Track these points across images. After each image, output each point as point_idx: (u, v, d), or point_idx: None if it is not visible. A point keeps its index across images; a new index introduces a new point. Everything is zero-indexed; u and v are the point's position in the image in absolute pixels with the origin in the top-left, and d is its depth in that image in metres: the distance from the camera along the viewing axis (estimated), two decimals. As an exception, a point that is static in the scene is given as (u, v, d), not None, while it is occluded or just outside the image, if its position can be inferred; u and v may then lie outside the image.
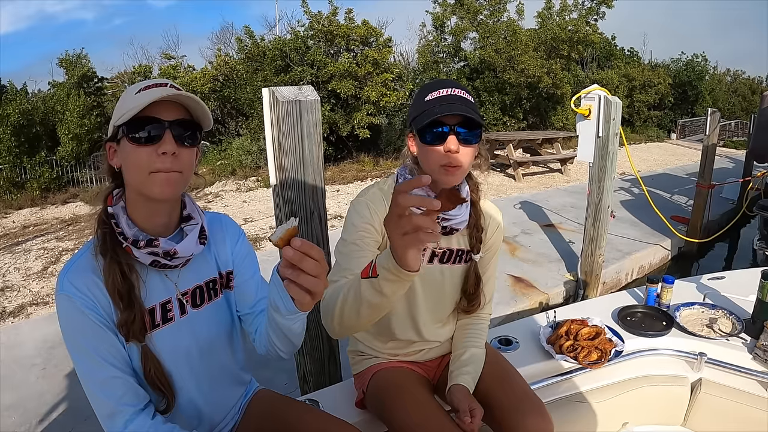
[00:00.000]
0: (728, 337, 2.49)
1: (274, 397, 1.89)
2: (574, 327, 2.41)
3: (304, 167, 2.37)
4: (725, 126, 25.63)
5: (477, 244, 1.93)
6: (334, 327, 1.49)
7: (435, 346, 2.06)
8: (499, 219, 2.04)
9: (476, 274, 1.98)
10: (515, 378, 1.96)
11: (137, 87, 1.40)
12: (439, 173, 1.69)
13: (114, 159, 1.43)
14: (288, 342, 1.49)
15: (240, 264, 1.70)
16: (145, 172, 1.36)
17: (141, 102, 1.31)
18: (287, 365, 3.60)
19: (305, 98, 2.29)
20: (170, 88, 1.39)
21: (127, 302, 1.40)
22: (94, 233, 1.44)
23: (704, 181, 8.26)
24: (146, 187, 1.37)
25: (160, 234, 1.47)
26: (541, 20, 19.78)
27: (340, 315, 1.43)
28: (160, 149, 1.35)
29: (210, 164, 14.31)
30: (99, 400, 1.40)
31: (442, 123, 1.65)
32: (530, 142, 14.01)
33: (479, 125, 1.69)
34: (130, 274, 1.41)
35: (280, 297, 1.28)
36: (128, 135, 1.35)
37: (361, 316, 1.38)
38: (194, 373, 1.58)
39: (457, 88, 1.71)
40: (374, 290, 1.29)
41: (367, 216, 1.75)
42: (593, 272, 6.06)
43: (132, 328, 1.41)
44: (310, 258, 1.15)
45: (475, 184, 1.96)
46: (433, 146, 1.67)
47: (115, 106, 1.43)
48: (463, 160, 1.68)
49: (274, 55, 13.75)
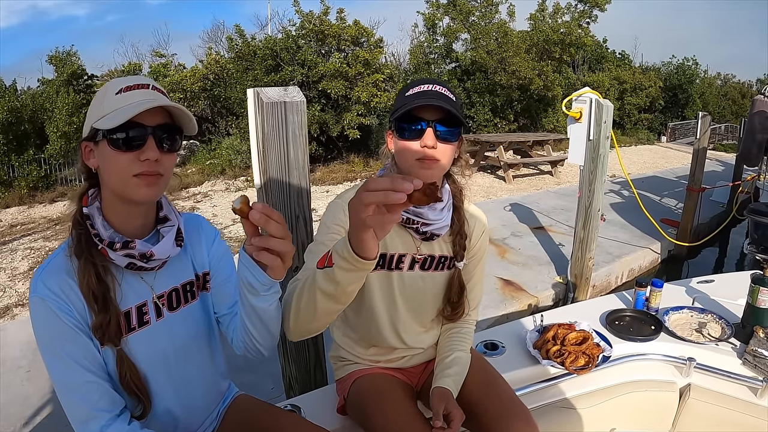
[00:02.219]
0: (717, 342, 2.47)
1: (254, 403, 1.86)
2: (561, 331, 2.39)
3: (289, 170, 2.33)
4: (715, 129, 25.73)
5: (460, 251, 1.88)
6: (290, 324, 1.45)
7: (418, 352, 2.02)
8: (484, 223, 1.99)
9: (460, 282, 1.93)
10: (501, 384, 1.92)
11: (116, 86, 1.37)
12: (415, 167, 1.65)
13: (91, 159, 1.40)
14: (265, 330, 1.46)
15: (216, 265, 1.68)
16: (126, 177, 1.34)
17: (127, 113, 1.29)
18: (273, 369, 3.56)
19: (291, 99, 2.25)
20: (153, 90, 1.38)
21: (102, 305, 1.37)
22: (69, 234, 1.41)
23: (694, 184, 8.27)
24: (127, 190, 1.36)
25: (136, 235, 1.45)
26: (534, 22, 19.78)
27: (296, 309, 1.40)
28: (143, 156, 1.33)
29: (199, 164, 14.26)
30: (73, 405, 1.37)
31: (419, 118, 1.62)
32: (521, 143, 14.00)
33: (459, 123, 1.65)
34: (105, 276, 1.39)
35: (251, 273, 1.27)
36: (109, 140, 1.32)
37: (317, 311, 1.35)
38: (171, 378, 1.55)
39: (440, 85, 1.67)
40: (329, 279, 1.27)
41: (341, 218, 1.71)
42: (583, 275, 6.05)
43: (107, 331, 1.38)
44: (273, 220, 1.17)
45: (458, 188, 1.90)
46: (410, 141, 1.64)
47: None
48: (441, 156, 1.65)
49: (265, 54, 13.67)
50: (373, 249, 1.19)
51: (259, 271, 1.26)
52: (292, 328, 1.46)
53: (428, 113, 1.62)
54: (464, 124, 1.68)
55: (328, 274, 1.26)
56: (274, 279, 1.29)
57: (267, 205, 1.17)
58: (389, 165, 1.83)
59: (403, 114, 1.62)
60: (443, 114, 1.62)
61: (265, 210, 1.16)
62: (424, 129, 1.61)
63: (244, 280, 1.31)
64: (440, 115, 1.62)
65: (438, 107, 1.61)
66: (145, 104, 1.31)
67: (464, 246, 1.89)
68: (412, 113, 1.62)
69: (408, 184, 1.02)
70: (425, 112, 1.62)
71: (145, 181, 1.35)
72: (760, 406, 2.26)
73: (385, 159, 1.87)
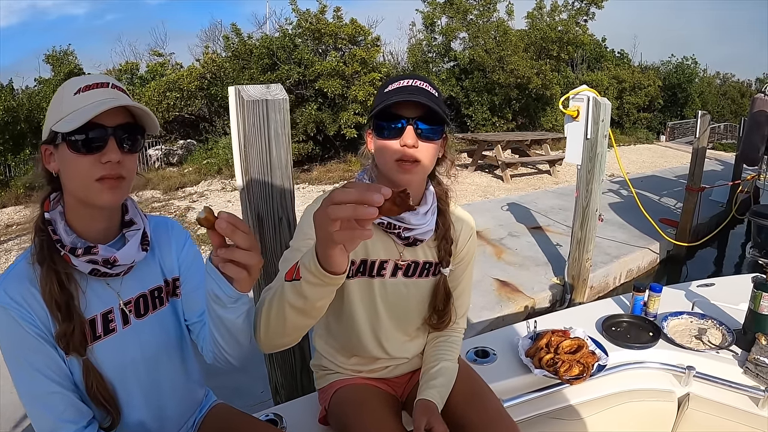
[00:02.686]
0: (718, 350, 2.38)
1: (231, 412, 1.82)
2: (555, 339, 2.30)
3: (272, 170, 2.27)
4: (714, 129, 25.75)
5: (446, 256, 1.78)
6: (260, 336, 1.36)
7: (402, 362, 1.92)
8: (471, 226, 1.89)
9: (446, 289, 1.83)
10: (488, 396, 1.83)
11: (74, 86, 1.32)
12: (394, 170, 1.56)
13: (51, 163, 1.35)
14: (234, 342, 1.40)
15: (187, 270, 1.63)
16: (88, 181, 1.30)
17: (86, 115, 1.25)
18: (265, 372, 3.48)
19: (273, 97, 2.19)
20: (113, 88, 1.34)
21: (65, 314, 1.33)
22: (31, 241, 1.36)
23: (694, 183, 8.21)
24: (90, 195, 1.32)
25: (101, 240, 1.40)
26: (531, 20, 19.74)
27: (266, 322, 1.31)
28: (104, 158, 1.29)
29: (196, 163, 14.20)
30: (38, 416, 1.35)
31: (399, 116, 1.52)
32: (519, 143, 13.99)
33: (442, 120, 1.55)
34: (68, 284, 1.34)
35: (217, 285, 1.22)
36: (68, 143, 1.28)
37: (286, 324, 1.26)
38: (141, 387, 1.51)
39: (421, 79, 1.57)
40: (297, 294, 1.18)
41: None
42: (580, 276, 5.98)
43: (71, 340, 1.34)
44: (240, 231, 1.11)
45: (443, 190, 1.80)
46: (389, 140, 1.54)
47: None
48: (422, 156, 1.55)
49: (261, 53, 13.61)
50: (342, 263, 1.10)
51: (226, 283, 1.21)
52: (263, 341, 1.37)
53: (408, 110, 1.52)
54: (447, 122, 1.58)
55: (296, 287, 1.17)
56: (240, 291, 1.23)
57: (234, 215, 1.11)
58: (369, 166, 1.73)
59: (382, 111, 1.52)
60: (424, 111, 1.52)
61: (232, 219, 1.10)
62: (404, 127, 1.52)
63: (210, 292, 1.26)
64: (421, 112, 1.52)
65: (418, 103, 1.50)
66: (104, 104, 1.27)
67: (450, 251, 1.79)
68: (390, 110, 1.52)
69: (377, 196, 0.93)
70: (405, 109, 1.52)
71: (108, 185, 1.31)
72: (761, 417, 2.17)
73: (365, 160, 1.77)
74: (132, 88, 15.79)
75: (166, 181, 12.30)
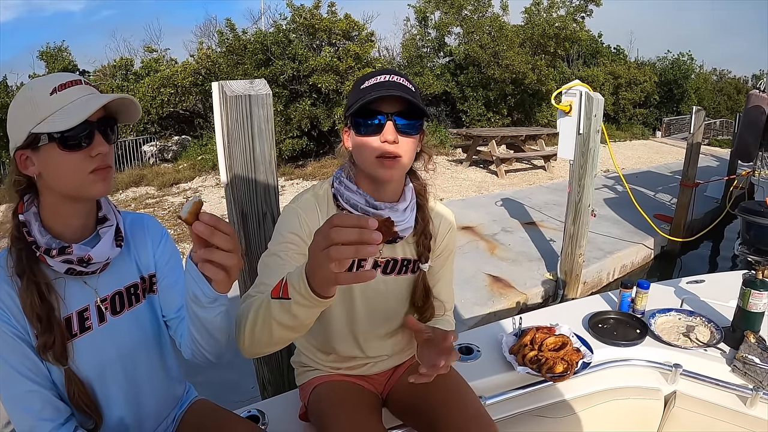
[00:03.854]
0: (706, 348, 2.35)
1: (212, 408, 1.82)
2: (540, 336, 2.27)
3: (255, 166, 2.26)
4: (710, 125, 25.77)
5: (425, 251, 1.75)
6: (245, 345, 1.33)
7: (382, 359, 1.90)
8: (450, 220, 1.86)
9: (425, 285, 1.80)
10: (466, 395, 1.78)
11: (45, 86, 1.32)
12: (375, 166, 1.53)
13: (30, 167, 1.34)
14: (212, 339, 1.41)
15: (164, 267, 1.63)
16: (82, 175, 1.32)
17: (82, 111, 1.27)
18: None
19: (256, 92, 2.18)
20: (86, 85, 1.36)
21: (45, 325, 1.34)
22: (8, 251, 1.36)
23: (688, 179, 8.22)
24: (84, 188, 1.34)
25: (76, 238, 1.41)
26: (528, 16, 19.73)
27: (251, 333, 1.28)
28: (94, 151, 1.32)
29: (191, 159, 14.18)
30: (17, 414, 1.35)
31: (377, 111, 1.49)
32: (514, 138, 13.96)
33: (421, 114, 1.53)
34: (49, 296, 1.35)
35: (196, 284, 1.21)
36: (59, 141, 1.29)
37: (274, 336, 1.23)
38: (120, 385, 1.51)
39: (397, 75, 1.55)
40: (286, 312, 1.15)
41: (295, 225, 1.59)
42: (573, 272, 5.98)
43: (52, 351, 1.34)
44: (220, 232, 1.10)
45: (421, 185, 1.78)
46: (368, 137, 1.52)
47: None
48: (403, 151, 1.52)
49: (255, 48, 13.57)
50: (335, 289, 1.10)
51: (205, 283, 1.20)
52: (247, 349, 1.35)
53: (387, 105, 1.49)
54: (427, 115, 1.56)
55: (284, 306, 1.15)
56: (219, 292, 1.23)
57: (215, 216, 1.11)
58: (347, 165, 1.70)
59: (360, 108, 1.49)
60: (403, 105, 1.50)
61: (212, 221, 1.09)
62: (384, 123, 1.49)
63: (189, 291, 1.26)
64: (400, 107, 1.50)
65: (397, 98, 1.48)
66: (93, 100, 1.30)
67: (429, 247, 1.76)
68: (369, 107, 1.49)
69: (377, 235, 0.95)
70: (383, 105, 1.49)
71: (101, 176, 1.34)
72: (749, 416, 2.15)
73: (341, 159, 1.74)
74: (126, 84, 15.76)
75: (161, 178, 12.28)
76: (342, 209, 1.65)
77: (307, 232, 1.59)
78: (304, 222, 1.60)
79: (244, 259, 2.29)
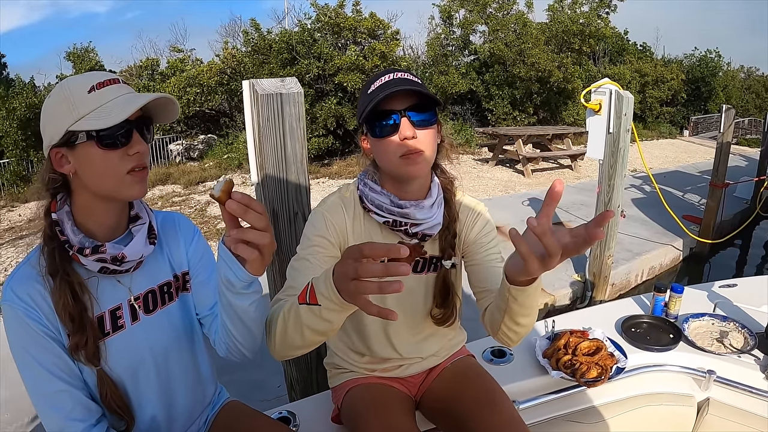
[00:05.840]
0: (740, 354, 2.31)
1: (243, 410, 1.81)
2: (573, 340, 2.25)
3: (287, 165, 2.25)
4: (739, 123, 25.40)
5: (448, 248, 1.73)
6: (276, 349, 1.34)
7: (415, 361, 1.89)
8: (479, 209, 1.79)
9: (446, 283, 1.77)
10: (500, 399, 1.75)
11: (82, 84, 1.31)
12: (399, 166, 1.53)
13: (65, 165, 1.33)
14: (246, 331, 1.39)
15: (196, 264, 1.62)
16: (120, 174, 1.31)
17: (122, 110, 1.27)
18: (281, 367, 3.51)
19: (287, 91, 2.16)
20: (123, 84, 1.35)
21: (78, 325, 1.33)
22: (40, 250, 1.36)
23: (718, 179, 8.07)
24: (122, 188, 1.33)
25: (109, 237, 1.41)
26: (552, 13, 19.60)
27: (282, 338, 1.29)
28: (132, 150, 1.32)
29: (217, 157, 14.28)
30: (47, 415, 1.35)
31: (390, 111, 1.49)
32: (540, 137, 13.87)
33: (432, 104, 1.53)
34: (82, 295, 1.35)
35: (230, 268, 1.21)
36: (98, 140, 1.28)
37: (306, 339, 1.24)
38: (152, 384, 1.51)
39: (400, 71, 1.55)
40: (316, 317, 1.15)
41: (321, 228, 1.60)
42: (602, 274, 5.92)
43: (84, 351, 1.34)
44: (252, 210, 1.11)
45: (448, 179, 1.76)
46: (387, 138, 1.51)
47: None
48: (424, 146, 1.52)
49: (281, 48, 13.64)
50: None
51: (238, 266, 1.20)
52: (278, 353, 1.35)
53: (397, 103, 1.49)
54: (439, 103, 1.55)
55: (314, 311, 1.14)
56: (253, 274, 1.22)
57: (247, 195, 1.12)
58: (370, 168, 1.70)
59: (371, 111, 1.49)
60: (414, 99, 1.50)
61: (245, 200, 1.10)
62: (398, 121, 1.49)
63: (222, 276, 1.25)
64: (411, 102, 1.50)
65: (406, 92, 1.48)
66: (135, 99, 1.30)
67: (453, 244, 1.74)
68: (380, 108, 1.49)
69: (405, 267, 0.94)
70: (394, 103, 1.49)
71: (138, 177, 1.34)
72: (784, 424, 2.11)
73: (364, 163, 1.74)
74: (152, 84, 15.90)
75: (187, 176, 12.38)
76: (368, 210, 1.64)
77: (334, 235, 1.60)
78: (330, 224, 1.61)
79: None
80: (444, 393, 1.82)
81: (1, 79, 15.85)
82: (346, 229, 1.65)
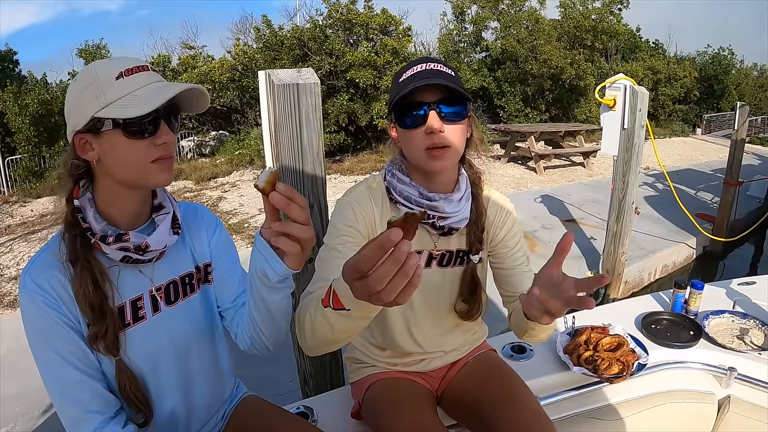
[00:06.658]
0: (761, 351, 2.28)
1: (262, 405, 1.79)
2: (595, 336, 2.22)
3: (303, 156, 2.24)
4: (751, 122, 25.17)
5: (476, 243, 1.71)
6: (308, 346, 1.31)
7: (438, 355, 1.87)
8: (508, 207, 1.79)
9: (473, 278, 1.75)
10: (524, 395, 1.73)
11: (111, 70, 1.27)
12: (424, 159, 1.51)
13: (89, 152, 1.29)
14: (274, 325, 1.38)
15: (219, 256, 1.60)
16: (145, 163, 1.29)
17: (153, 99, 1.24)
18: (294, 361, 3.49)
19: (304, 81, 2.15)
20: (152, 72, 1.32)
21: (98, 314, 1.30)
22: (62, 237, 1.33)
23: (731, 177, 8.03)
24: (147, 177, 1.31)
25: (132, 225, 1.38)
26: (564, 9, 19.49)
27: (311, 333, 1.25)
28: (159, 140, 1.29)
29: (228, 154, 14.29)
30: (64, 406, 1.32)
31: (419, 102, 1.46)
32: (552, 134, 13.80)
33: (464, 99, 1.49)
34: (103, 284, 1.32)
35: (267, 261, 1.19)
36: (125, 127, 1.25)
37: (336, 333, 1.19)
38: (172, 377, 1.49)
39: (435, 62, 1.52)
40: (343, 317, 1.10)
41: (350, 218, 1.57)
42: (615, 271, 5.88)
43: (104, 341, 1.31)
44: (295, 204, 1.09)
45: (475, 174, 1.73)
46: (414, 129, 1.48)
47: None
48: (451, 139, 1.49)
49: (292, 44, 13.62)
50: None
51: (276, 259, 1.17)
52: (310, 348, 1.32)
53: (428, 95, 1.46)
54: (469, 99, 1.52)
55: (342, 315, 1.09)
56: (291, 269, 1.19)
57: (291, 187, 1.09)
58: (398, 157, 1.68)
59: (401, 100, 1.47)
60: (445, 92, 1.47)
61: (288, 192, 1.08)
62: (427, 113, 1.46)
63: (257, 269, 1.22)
64: (442, 95, 1.47)
65: (437, 86, 1.45)
66: (168, 88, 1.27)
67: (480, 239, 1.72)
68: (410, 98, 1.47)
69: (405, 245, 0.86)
70: (424, 95, 1.46)
71: (165, 166, 1.32)
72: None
73: (392, 151, 1.72)
74: (164, 81, 15.90)
75: (198, 172, 12.41)
76: (395, 202, 1.62)
77: (363, 225, 1.58)
78: (359, 213, 1.59)
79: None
80: (467, 387, 1.80)
81: (14, 76, 15.89)
82: (375, 220, 1.63)
